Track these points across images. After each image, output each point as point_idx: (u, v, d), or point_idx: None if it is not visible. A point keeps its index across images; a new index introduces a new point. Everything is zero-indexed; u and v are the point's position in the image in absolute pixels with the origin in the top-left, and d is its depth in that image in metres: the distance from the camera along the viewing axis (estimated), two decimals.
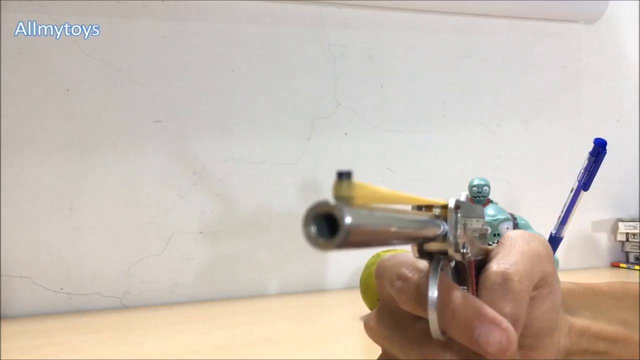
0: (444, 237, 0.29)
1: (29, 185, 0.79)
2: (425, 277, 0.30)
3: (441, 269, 0.30)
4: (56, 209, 0.80)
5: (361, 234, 0.21)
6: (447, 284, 0.29)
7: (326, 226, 0.21)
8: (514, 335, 0.27)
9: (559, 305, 0.32)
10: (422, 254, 0.30)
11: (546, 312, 0.31)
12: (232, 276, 0.88)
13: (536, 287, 0.31)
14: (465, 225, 0.31)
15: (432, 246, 0.30)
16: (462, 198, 0.31)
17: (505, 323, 0.28)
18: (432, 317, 0.28)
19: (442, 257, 0.30)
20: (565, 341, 0.33)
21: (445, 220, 0.29)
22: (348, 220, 0.20)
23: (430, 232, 0.28)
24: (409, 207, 0.29)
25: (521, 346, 0.31)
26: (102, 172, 0.82)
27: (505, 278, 0.29)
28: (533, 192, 1.06)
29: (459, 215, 0.29)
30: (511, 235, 0.33)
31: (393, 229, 0.24)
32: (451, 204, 0.29)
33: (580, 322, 0.33)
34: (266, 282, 0.90)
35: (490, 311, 0.28)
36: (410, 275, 0.30)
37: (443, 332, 0.29)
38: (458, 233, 0.29)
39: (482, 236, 0.34)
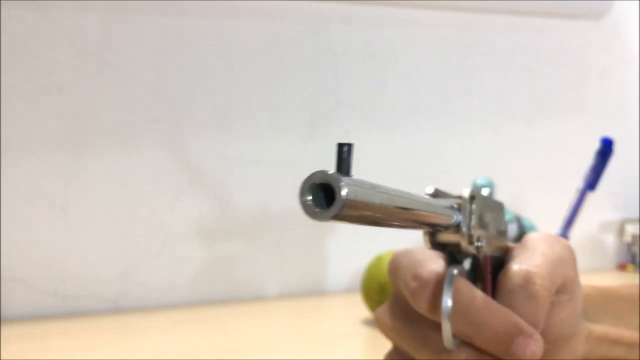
0: (457, 228, 0.28)
1: (21, 186, 0.78)
2: (442, 281, 0.29)
3: (459, 273, 0.29)
4: (49, 210, 0.79)
5: (359, 207, 0.21)
6: (467, 292, 0.29)
7: (324, 197, 0.21)
8: (542, 343, 0.28)
9: (578, 312, 0.31)
10: (435, 245, 0.29)
11: (565, 319, 0.30)
12: (230, 278, 0.87)
13: (557, 293, 0.30)
14: (481, 218, 0.29)
15: (445, 237, 0.29)
16: (485, 193, 0.31)
17: (537, 334, 0.28)
18: (446, 326, 0.28)
19: (457, 255, 0.29)
20: (583, 347, 0.32)
21: (459, 210, 0.28)
22: (344, 191, 0.20)
23: (440, 219, 0.27)
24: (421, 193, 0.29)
25: None
26: (96, 171, 0.81)
27: (527, 280, 0.29)
28: (538, 192, 1.05)
29: (474, 206, 0.29)
30: (534, 237, 0.32)
31: (397, 208, 0.23)
32: (465, 193, 0.29)
33: (600, 328, 0.33)
34: (265, 285, 0.89)
35: (523, 323, 0.28)
36: (426, 277, 0.29)
37: (455, 340, 0.28)
38: (472, 224, 0.28)
39: (501, 233, 0.33)
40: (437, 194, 0.29)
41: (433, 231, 0.29)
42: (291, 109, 0.91)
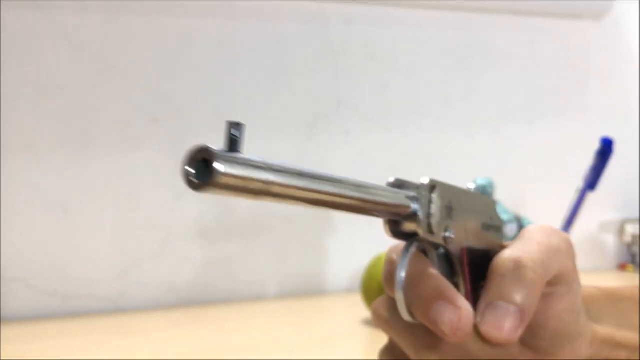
0: (415, 217, 0.28)
1: (21, 186, 0.78)
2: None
3: (425, 253, 0.30)
4: (49, 210, 0.79)
5: (242, 181, 0.22)
6: (420, 266, 0.29)
7: (207, 169, 0.21)
8: (467, 314, 0.26)
9: (577, 308, 0.31)
10: (397, 234, 0.30)
11: (562, 313, 0.29)
12: (230, 278, 0.87)
13: (553, 284, 0.29)
14: (451, 209, 0.29)
15: (408, 227, 0.29)
16: (471, 187, 0.31)
17: (461, 302, 0.27)
18: (399, 297, 0.28)
19: (417, 238, 0.29)
20: (587, 350, 0.31)
21: (418, 199, 0.29)
22: (219, 165, 0.21)
23: (384, 206, 0.27)
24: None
25: (536, 349, 0.29)
26: (96, 171, 0.81)
27: (517, 265, 0.28)
28: (538, 192, 1.05)
29: (434, 195, 0.29)
30: (531, 228, 0.31)
31: (300, 188, 0.24)
32: (424, 181, 0.29)
33: (604, 330, 0.32)
34: (265, 285, 0.89)
35: (449, 290, 0.27)
36: (395, 259, 0.30)
37: (412, 314, 0.28)
38: (432, 212, 0.28)
39: (489, 228, 0.33)
40: (400, 184, 0.30)
41: (394, 220, 0.29)
42: (291, 109, 0.91)
